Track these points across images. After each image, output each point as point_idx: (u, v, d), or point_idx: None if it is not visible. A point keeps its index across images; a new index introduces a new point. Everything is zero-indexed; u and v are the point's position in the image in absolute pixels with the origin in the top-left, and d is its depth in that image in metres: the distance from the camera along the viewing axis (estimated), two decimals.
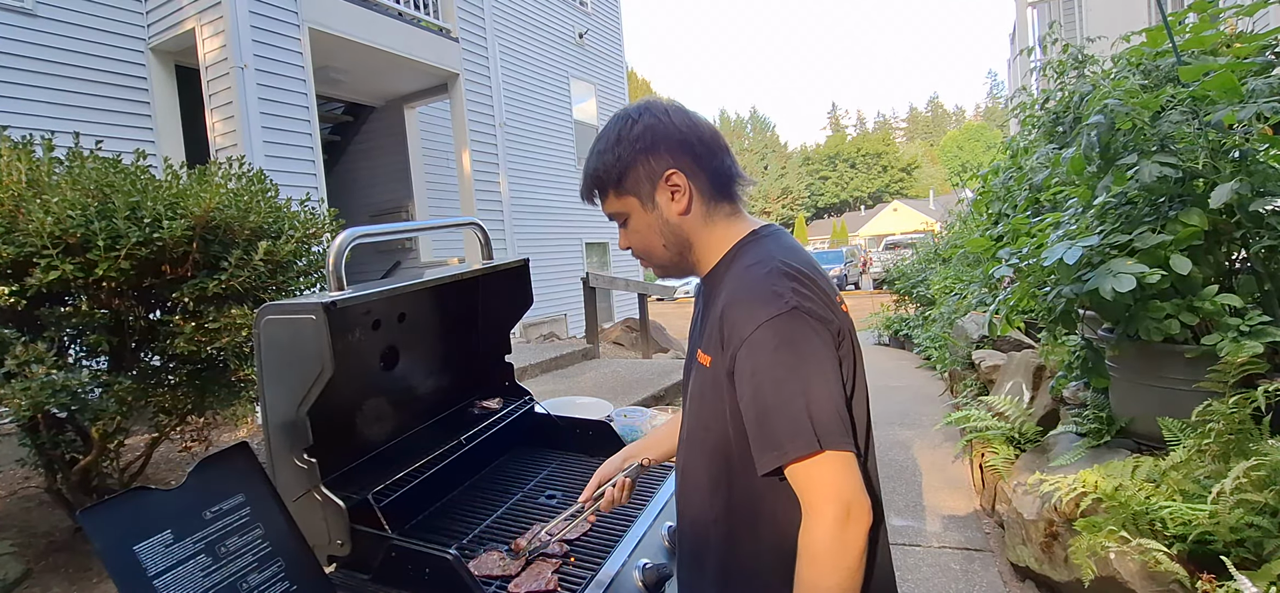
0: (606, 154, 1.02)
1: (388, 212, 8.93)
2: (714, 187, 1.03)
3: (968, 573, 2.78)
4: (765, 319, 0.89)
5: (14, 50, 5.16)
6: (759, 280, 0.94)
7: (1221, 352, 2.09)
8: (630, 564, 1.26)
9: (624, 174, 1.01)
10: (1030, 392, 3.59)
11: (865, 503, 0.87)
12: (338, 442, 1.41)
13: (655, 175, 1.00)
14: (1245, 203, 2.17)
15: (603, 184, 1.04)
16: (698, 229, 1.03)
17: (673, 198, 1.01)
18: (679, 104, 1.05)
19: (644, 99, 1.06)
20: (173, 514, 1.04)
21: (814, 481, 0.87)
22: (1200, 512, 1.87)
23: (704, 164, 1.02)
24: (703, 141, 1.02)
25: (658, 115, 1.01)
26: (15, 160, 2.54)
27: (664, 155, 1.00)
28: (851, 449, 0.88)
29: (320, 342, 1.10)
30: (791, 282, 0.92)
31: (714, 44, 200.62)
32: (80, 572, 2.86)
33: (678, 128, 1.01)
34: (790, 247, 1.03)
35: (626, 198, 1.03)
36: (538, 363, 6.37)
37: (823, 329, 0.91)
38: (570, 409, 2.02)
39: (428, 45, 7.28)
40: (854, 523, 0.86)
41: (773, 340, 0.89)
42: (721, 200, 1.04)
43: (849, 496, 0.86)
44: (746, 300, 0.93)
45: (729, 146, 1.06)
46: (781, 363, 0.88)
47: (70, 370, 2.46)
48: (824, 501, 0.87)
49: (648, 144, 1.00)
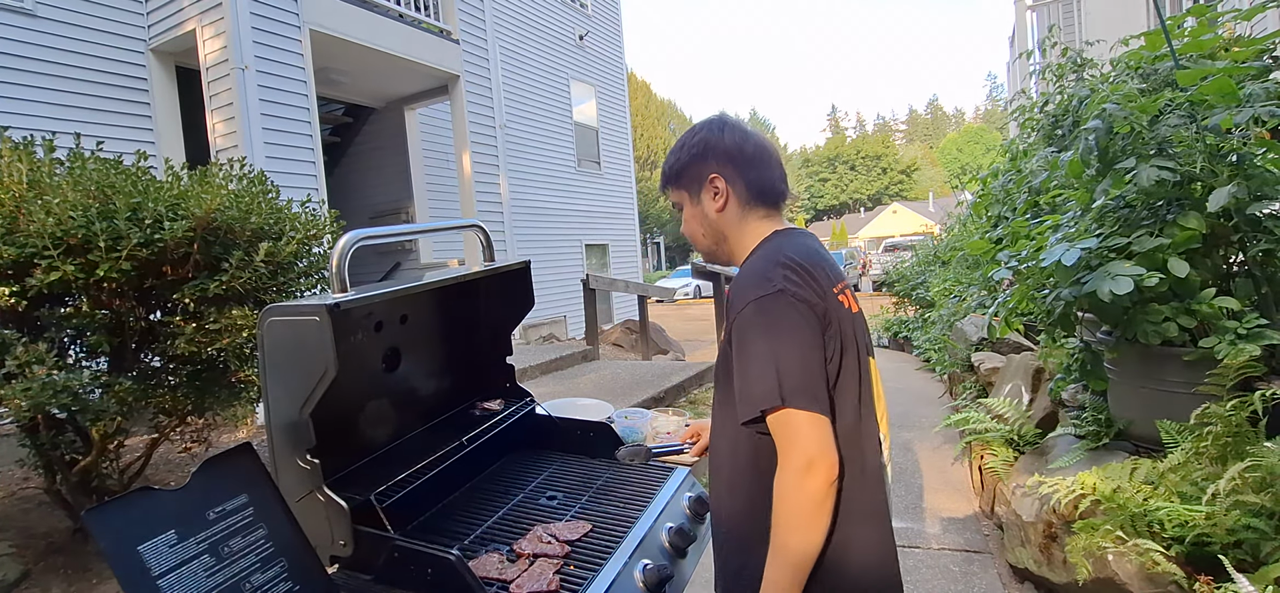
0: (673, 155, 1.28)
1: (388, 213, 8.94)
2: (751, 193, 1.22)
3: (966, 574, 2.79)
4: (753, 298, 1.07)
5: (14, 51, 5.17)
6: (757, 268, 1.12)
7: (1219, 355, 2.10)
8: (631, 565, 1.27)
9: (681, 173, 1.25)
10: (1029, 394, 3.60)
11: (830, 460, 1.01)
12: (340, 443, 1.41)
13: (702, 177, 1.22)
14: (1243, 206, 2.18)
15: (666, 178, 1.29)
16: (732, 225, 1.23)
17: (714, 197, 1.22)
18: (740, 123, 1.26)
19: (716, 115, 1.28)
20: (176, 515, 1.04)
21: (780, 432, 1.03)
22: (1197, 514, 1.88)
23: (744, 174, 1.21)
24: (746, 156, 1.21)
25: (715, 131, 1.23)
26: (16, 161, 2.55)
27: (711, 163, 1.21)
28: (818, 410, 1.02)
29: (324, 343, 1.10)
30: (784, 269, 1.08)
31: (715, 46, 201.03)
32: (79, 573, 2.86)
33: (727, 143, 1.21)
34: (798, 243, 1.17)
35: (681, 191, 1.27)
36: (538, 364, 6.38)
37: (806, 309, 1.05)
38: (571, 411, 2.02)
39: (428, 47, 7.28)
40: (814, 475, 1.00)
41: (757, 315, 1.06)
42: (757, 205, 1.22)
43: (812, 451, 1.00)
44: (743, 284, 1.11)
45: (778, 161, 1.25)
46: (761, 333, 1.05)
47: (71, 371, 2.46)
48: (787, 450, 1.02)
49: (700, 152, 1.23)
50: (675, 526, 1.42)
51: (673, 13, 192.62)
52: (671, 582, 1.30)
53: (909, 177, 62.14)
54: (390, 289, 1.35)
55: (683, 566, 1.40)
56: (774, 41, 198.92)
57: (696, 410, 5.47)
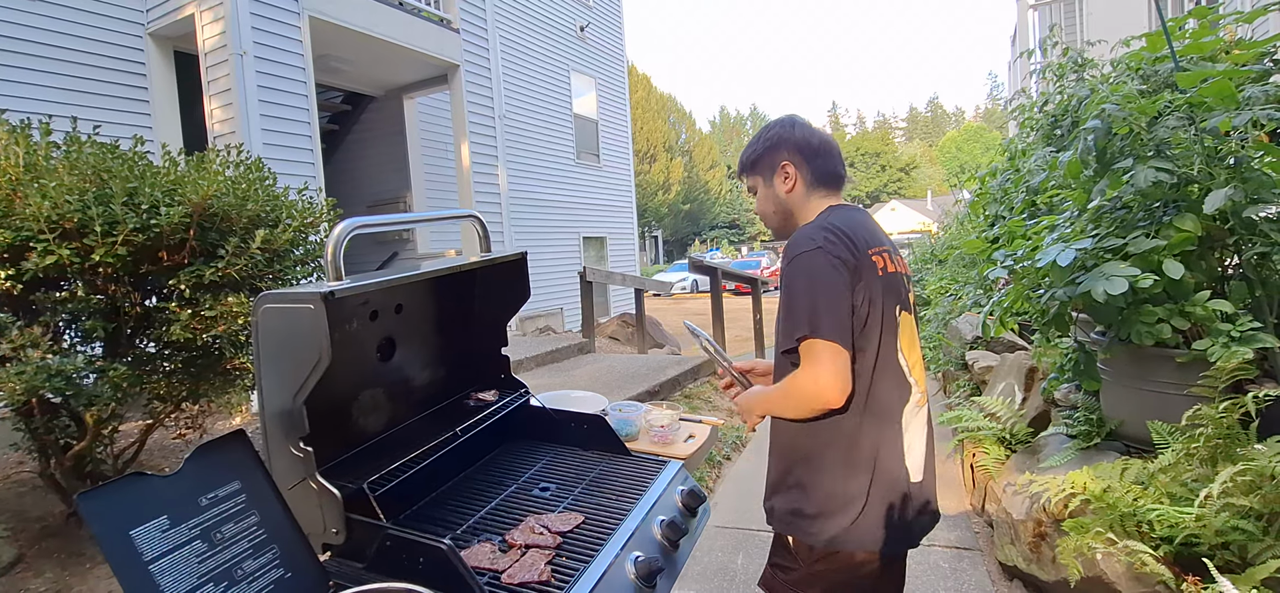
0: (749, 146, 1.56)
1: (386, 203, 8.91)
2: (815, 177, 1.48)
3: (956, 571, 2.80)
4: (797, 254, 1.34)
5: (12, 33, 5.13)
6: (806, 232, 1.37)
7: (1212, 357, 2.11)
8: (623, 557, 1.27)
9: (757, 161, 1.53)
10: (1022, 393, 3.61)
11: (838, 386, 1.27)
12: (334, 431, 1.42)
13: (775, 164, 1.50)
14: (1239, 209, 2.19)
15: (744, 165, 1.57)
16: (799, 204, 1.50)
17: (784, 181, 1.49)
18: (805, 121, 1.53)
19: (786, 115, 1.56)
20: (169, 500, 1.04)
21: (806, 354, 1.30)
22: (1187, 515, 1.89)
23: (810, 161, 1.48)
24: (811, 147, 1.48)
25: (785, 127, 1.51)
26: (13, 144, 2.54)
27: (782, 152, 1.49)
28: (840, 343, 1.27)
29: (318, 331, 1.10)
30: (825, 233, 1.34)
31: (716, 41, 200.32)
32: (72, 558, 2.87)
33: (795, 137, 1.49)
34: (843, 215, 1.41)
35: (756, 176, 1.54)
36: (533, 356, 6.38)
37: (840, 265, 1.30)
38: (565, 403, 2.02)
39: (428, 35, 7.25)
40: (820, 393, 1.28)
41: (799, 267, 1.33)
42: (819, 187, 1.49)
43: (825, 373, 1.27)
44: (794, 243, 1.37)
45: (839, 153, 1.52)
46: (801, 280, 1.32)
47: (66, 356, 2.46)
48: (806, 365, 1.30)
49: (774, 143, 1.51)
50: (667, 519, 1.42)
51: (675, 6, 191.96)
52: (663, 574, 1.30)
53: (908, 174, 62.09)
54: (385, 278, 1.35)
55: (675, 558, 1.40)
56: (776, 37, 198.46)
57: (691, 405, 5.48)
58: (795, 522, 1.40)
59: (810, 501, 1.38)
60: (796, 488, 1.41)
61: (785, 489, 1.44)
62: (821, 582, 1.40)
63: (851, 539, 1.35)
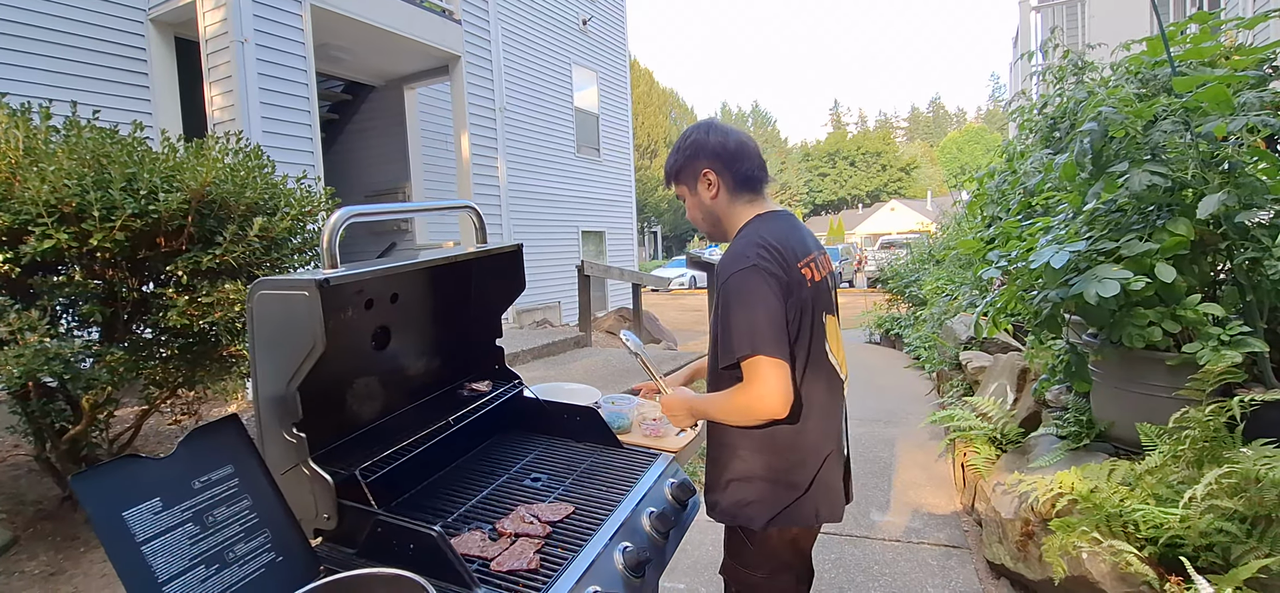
0: (671, 155, 1.59)
1: (385, 193, 8.90)
2: (736, 182, 1.51)
3: (944, 569, 2.83)
4: (733, 272, 1.38)
5: (12, 17, 5.12)
6: (738, 249, 1.43)
7: (1202, 360, 2.13)
8: (612, 547, 1.29)
9: (680, 170, 1.56)
10: (1014, 394, 3.63)
11: (779, 399, 1.32)
12: (328, 418, 1.43)
13: (697, 172, 1.53)
14: (1232, 214, 2.20)
15: (669, 175, 1.60)
16: (724, 210, 1.53)
17: (707, 187, 1.52)
18: (722, 125, 1.55)
19: (703, 120, 1.58)
20: (162, 482, 1.06)
21: (749, 371, 1.35)
22: (1172, 516, 1.91)
23: (729, 166, 1.50)
24: (729, 152, 1.50)
25: (701, 133, 1.53)
26: (12, 128, 2.54)
27: (701, 160, 1.51)
28: (782, 358, 1.33)
29: (313, 318, 1.12)
30: (758, 249, 1.39)
31: (719, 37, 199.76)
32: (67, 540, 2.88)
33: (712, 143, 1.51)
34: (775, 226, 1.46)
35: (682, 186, 1.58)
36: (530, 349, 6.40)
37: (773, 281, 1.36)
38: (558, 394, 2.04)
39: (429, 25, 7.23)
40: (761, 407, 1.34)
41: (734, 286, 1.37)
42: (743, 192, 1.52)
43: (766, 390, 1.32)
44: (726, 261, 1.42)
45: (757, 155, 1.53)
46: (739, 298, 1.36)
47: (63, 340, 2.47)
48: (750, 382, 1.35)
49: (692, 152, 1.53)
50: (657, 510, 1.44)
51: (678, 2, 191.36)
52: (651, 564, 1.32)
53: (908, 174, 62.03)
54: (381, 267, 1.36)
55: (663, 549, 1.42)
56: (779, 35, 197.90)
57: None
58: (741, 511, 1.48)
59: (753, 489, 1.46)
60: (739, 481, 1.48)
61: (727, 484, 1.50)
62: (772, 560, 1.51)
63: (795, 517, 1.46)
